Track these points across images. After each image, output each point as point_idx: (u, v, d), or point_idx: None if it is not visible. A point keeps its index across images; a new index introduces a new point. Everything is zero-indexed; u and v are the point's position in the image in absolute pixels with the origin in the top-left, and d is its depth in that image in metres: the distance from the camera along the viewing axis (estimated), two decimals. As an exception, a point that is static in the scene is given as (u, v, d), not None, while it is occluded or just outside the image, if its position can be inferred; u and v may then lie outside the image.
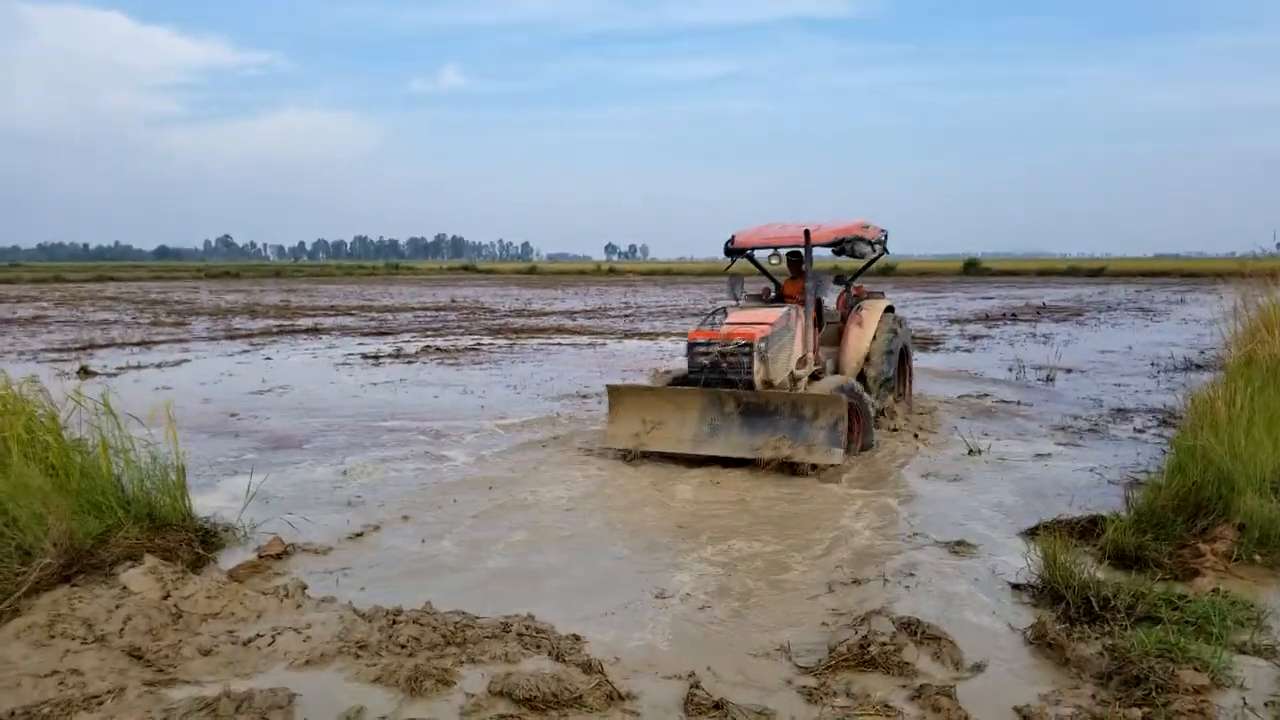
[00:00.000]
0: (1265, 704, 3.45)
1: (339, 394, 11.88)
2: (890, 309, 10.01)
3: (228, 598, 4.40)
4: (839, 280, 10.31)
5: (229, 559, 5.47)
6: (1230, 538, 5.20)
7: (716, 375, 8.09)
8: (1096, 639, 4.03)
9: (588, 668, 3.80)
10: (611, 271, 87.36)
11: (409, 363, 15.29)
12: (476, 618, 4.43)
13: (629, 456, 8.02)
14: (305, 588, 4.71)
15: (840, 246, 9.02)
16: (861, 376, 9.35)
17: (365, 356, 16.14)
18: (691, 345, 8.34)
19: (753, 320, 8.32)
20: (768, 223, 9.68)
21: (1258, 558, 5.06)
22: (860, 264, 10.24)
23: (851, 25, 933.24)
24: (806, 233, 8.80)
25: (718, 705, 3.54)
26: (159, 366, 14.81)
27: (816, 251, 9.19)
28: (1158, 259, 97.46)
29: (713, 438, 7.81)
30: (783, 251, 9.37)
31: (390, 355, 16.32)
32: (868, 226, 9.35)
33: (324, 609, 4.45)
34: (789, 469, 7.45)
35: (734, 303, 9.18)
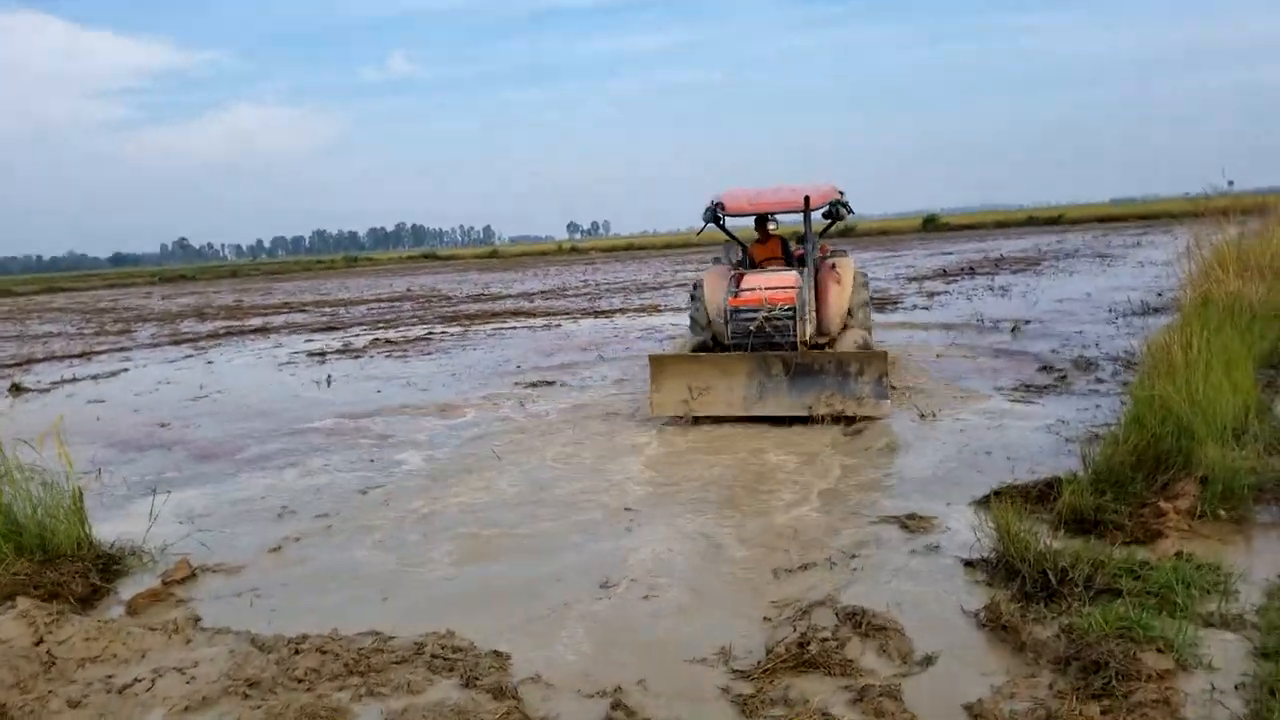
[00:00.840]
0: (1236, 686, 3.15)
1: (278, 396, 11.38)
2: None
3: (109, 638, 3.99)
4: (800, 240, 10.30)
5: (132, 587, 5.05)
6: (1193, 493, 4.93)
7: (761, 339, 8.46)
8: (1054, 618, 3.73)
9: (499, 693, 3.44)
10: (573, 250, 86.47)
11: (355, 358, 14.77)
12: (390, 639, 4.08)
13: (680, 421, 8.24)
14: (198, 619, 4.30)
15: (830, 209, 9.54)
16: (845, 333, 9.36)
17: (311, 354, 15.60)
18: (735, 312, 8.61)
19: (781, 284, 8.70)
20: (743, 187, 9.83)
21: (1222, 513, 4.79)
22: (824, 224, 10.22)
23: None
24: (806, 199, 9.02)
25: (641, 726, 3.20)
26: (95, 378, 14.20)
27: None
28: (1114, 204, 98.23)
29: (762, 399, 8.11)
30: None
31: (337, 351, 15.79)
32: (834, 189, 9.63)
33: (217, 642, 4.05)
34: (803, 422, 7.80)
35: (731, 268, 9.47)
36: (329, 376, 12.65)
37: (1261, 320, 9.34)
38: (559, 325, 18.25)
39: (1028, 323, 13.62)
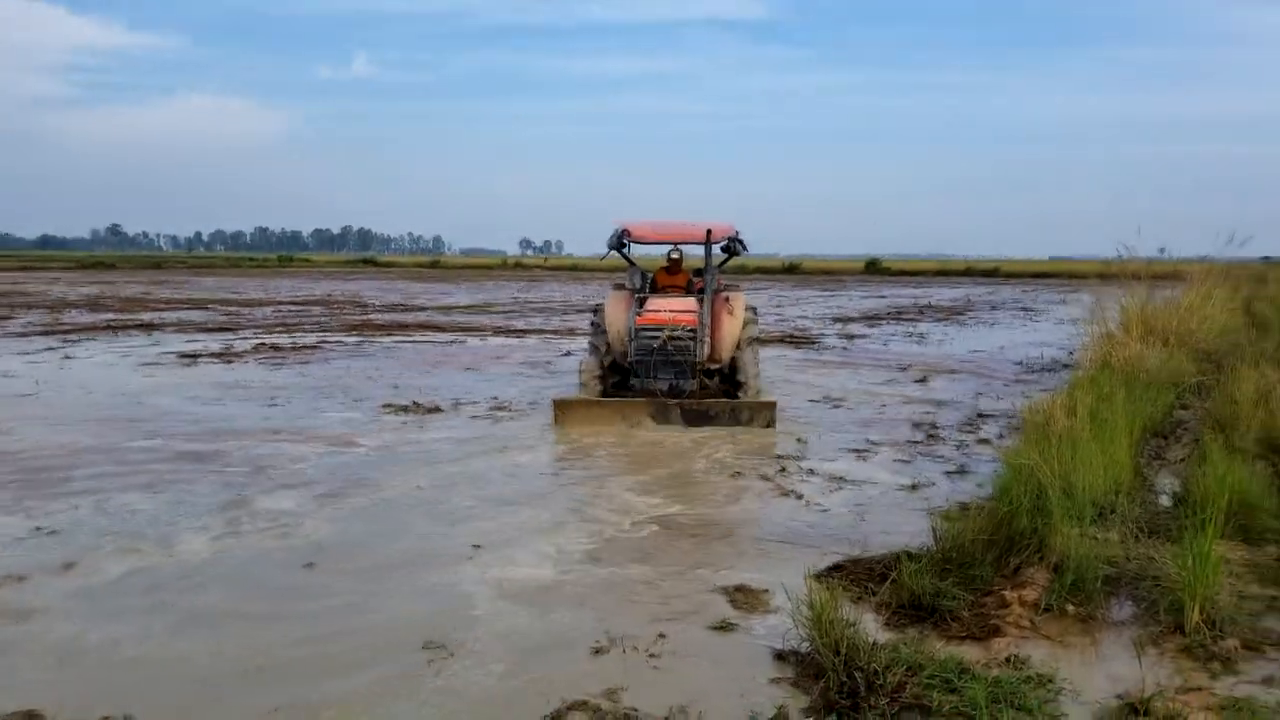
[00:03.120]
0: None
1: (116, 402, 10.34)
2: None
3: None
4: (698, 273, 10.42)
5: None
6: (1041, 583, 4.36)
7: (662, 357, 8.87)
8: (844, 742, 3.08)
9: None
10: (518, 266, 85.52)
11: (229, 363, 13.75)
12: (49, 721, 3.27)
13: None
14: None
15: (729, 245, 10.00)
16: (733, 362, 9.58)
17: (182, 355, 14.51)
18: (640, 330, 8.93)
19: (683, 309, 9.08)
20: (647, 219, 10.10)
21: (1070, 607, 4.21)
22: (722, 259, 10.61)
23: (761, 26, 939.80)
24: (709, 233, 9.40)
25: None
26: (-67, 367, 12.96)
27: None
28: (1051, 261, 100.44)
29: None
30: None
31: (212, 355, 14.71)
32: (732, 227, 10.03)
33: None
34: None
35: (634, 292, 9.59)
36: (184, 383, 11.68)
37: (1157, 386, 9.01)
38: (464, 341, 17.45)
39: (939, 374, 13.20)
